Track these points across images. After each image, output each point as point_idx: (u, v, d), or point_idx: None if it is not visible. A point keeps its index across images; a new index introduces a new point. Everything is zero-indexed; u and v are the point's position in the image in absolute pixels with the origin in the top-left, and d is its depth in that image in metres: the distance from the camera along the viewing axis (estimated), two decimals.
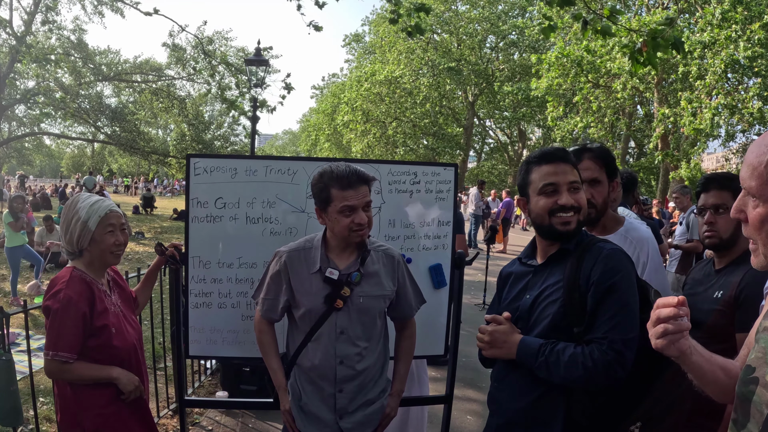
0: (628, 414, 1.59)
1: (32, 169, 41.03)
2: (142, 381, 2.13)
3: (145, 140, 23.96)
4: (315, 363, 1.95)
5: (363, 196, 1.86)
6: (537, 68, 19.37)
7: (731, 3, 13.74)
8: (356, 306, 1.93)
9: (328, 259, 1.95)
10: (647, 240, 2.10)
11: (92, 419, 1.95)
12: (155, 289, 4.11)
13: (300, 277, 1.95)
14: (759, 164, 1.00)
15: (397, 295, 2.04)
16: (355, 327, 1.94)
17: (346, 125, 29.42)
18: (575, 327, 1.58)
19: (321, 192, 1.88)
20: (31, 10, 19.62)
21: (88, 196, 2.06)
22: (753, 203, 1.02)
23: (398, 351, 2.16)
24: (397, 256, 2.06)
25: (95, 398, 1.96)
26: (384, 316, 2.06)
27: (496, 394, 1.78)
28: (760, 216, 1.01)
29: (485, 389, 1.85)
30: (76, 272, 1.97)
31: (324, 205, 1.89)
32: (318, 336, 1.94)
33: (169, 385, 4.20)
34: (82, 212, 1.98)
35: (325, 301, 1.91)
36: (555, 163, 1.67)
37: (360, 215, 1.85)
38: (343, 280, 1.91)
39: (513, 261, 1.89)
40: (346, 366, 1.94)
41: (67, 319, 1.88)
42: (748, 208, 1.04)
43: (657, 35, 3.61)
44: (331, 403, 1.96)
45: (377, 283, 1.97)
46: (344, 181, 1.83)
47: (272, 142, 75.63)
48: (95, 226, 1.98)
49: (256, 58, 10.17)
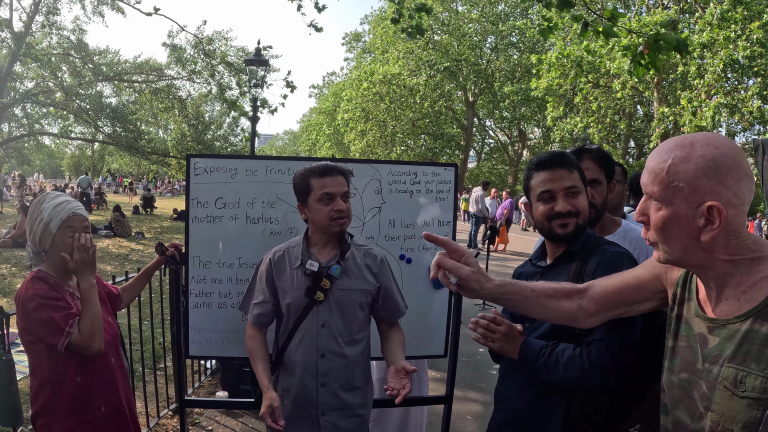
0: (628, 415, 1.60)
1: (32, 169, 40.95)
2: (116, 385, 2.04)
3: (146, 140, 23.94)
4: (298, 357, 1.99)
5: (341, 185, 1.96)
6: (537, 68, 19.38)
7: (731, 3, 13.74)
8: (337, 299, 1.97)
9: (310, 254, 2.01)
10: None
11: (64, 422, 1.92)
12: (155, 289, 4.12)
13: (283, 274, 2.02)
14: (660, 171, 1.10)
15: (383, 294, 2.06)
16: (336, 320, 1.98)
17: (346, 124, 29.43)
18: (577, 328, 1.59)
19: (301, 183, 1.99)
20: (31, 11, 19.64)
21: (55, 195, 2.00)
22: (655, 206, 1.13)
23: (391, 342, 2.07)
24: (380, 255, 2.09)
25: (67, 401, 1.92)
26: (367, 312, 2.06)
27: (501, 390, 1.85)
28: (662, 218, 1.11)
29: (485, 389, 1.87)
30: (39, 273, 1.93)
31: (304, 197, 1.98)
32: (301, 329, 1.99)
33: (169, 385, 4.21)
34: (45, 213, 1.92)
35: (306, 294, 1.96)
36: (551, 170, 1.70)
37: (339, 203, 1.94)
38: (322, 273, 1.96)
39: (525, 262, 1.93)
40: (328, 359, 1.97)
41: (47, 307, 1.84)
42: (650, 212, 1.14)
43: (659, 38, 3.61)
44: (314, 399, 1.98)
45: (358, 277, 2.01)
46: (321, 170, 1.96)
47: (272, 143, 75.65)
48: (56, 228, 1.91)
49: (256, 58, 10.17)
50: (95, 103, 21.96)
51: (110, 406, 2.02)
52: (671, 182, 1.09)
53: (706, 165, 1.06)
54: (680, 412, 1.17)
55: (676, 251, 1.13)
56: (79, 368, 1.93)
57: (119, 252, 11.41)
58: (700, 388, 1.11)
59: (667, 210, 1.10)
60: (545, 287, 1.46)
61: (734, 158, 1.06)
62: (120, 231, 13.93)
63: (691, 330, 1.17)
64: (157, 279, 2.42)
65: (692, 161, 1.07)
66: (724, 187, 1.05)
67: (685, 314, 1.21)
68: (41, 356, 1.91)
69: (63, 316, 1.86)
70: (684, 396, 1.16)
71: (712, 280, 1.14)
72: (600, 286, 1.41)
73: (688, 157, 1.07)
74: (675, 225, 1.10)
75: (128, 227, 14.36)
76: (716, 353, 1.09)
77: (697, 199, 1.07)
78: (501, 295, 1.42)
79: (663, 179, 1.10)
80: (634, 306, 1.38)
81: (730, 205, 1.06)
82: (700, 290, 1.19)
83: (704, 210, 1.06)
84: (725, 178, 1.05)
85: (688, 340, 1.18)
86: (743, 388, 1.02)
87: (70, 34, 21.28)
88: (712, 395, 1.08)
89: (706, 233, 1.07)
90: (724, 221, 1.05)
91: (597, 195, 2.03)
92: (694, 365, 1.14)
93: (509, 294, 1.43)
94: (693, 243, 1.10)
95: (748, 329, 1.04)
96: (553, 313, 1.45)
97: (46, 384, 1.92)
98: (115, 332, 2.15)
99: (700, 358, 1.13)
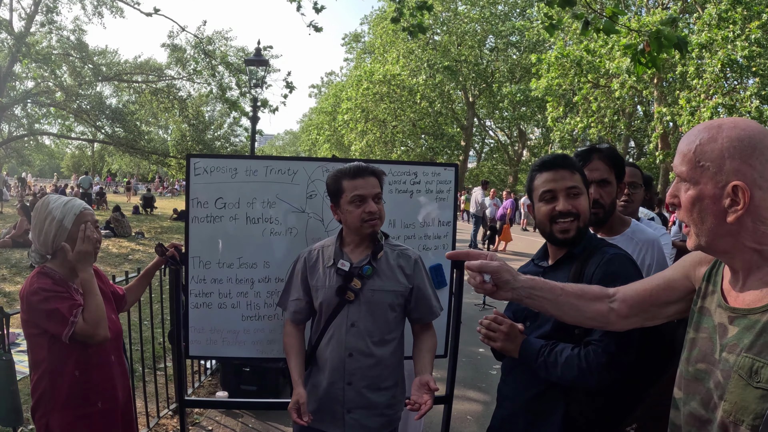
0: (626, 415, 1.62)
1: (32, 169, 40.91)
2: (114, 383, 2.07)
3: (146, 140, 23.92)
4: (327, 355, 2.00)
5: (372, 187, 1.95)
6: (537, 68, 19.37)
7: (730, 2, 13.74)
8: (367, 299, 1.97)
9: (342, 254, 2.02)
10: (654, 242, 2.10)
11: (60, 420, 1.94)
12: (155, 289, 4.12)
13: (316, 272, 2.04)
14: (688, 151, 1.12)
15: (416, 296, 2.04)
16: (366, 320, 1.97)
17: (347, 124, 29.42)
18: (576, 328, 1.62)
19: (333, 185, 1.99)
20: (31, 11, 19.63)
21: (57, 197, 2.05)
22: (685, 187, 1.14)
23: (421, 347, 2.07)
24: (415, 256, 2.08)
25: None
26: (400, 312, 2.05)
27: (502, 387, 1.87)
28: (690, 198, 1.12)
29: (485, 389, 1.88)
30: (44, 269, 1.96)
31: (336, 199, 1.98)
32: (331, 328, 2.00)
33: (169, 385, 4.21)
34: (56, 212, 1.96)
35: (337, 293, 1.97)
36: (554, 170, 1.72)
37: (370, 204, 1.93)
38: (353, 272, 1.97)
39: (528, 262, 1.94)
40: (355, 359, 1.97)
41: (51, 299, 1.87)
42: (681, 193, 1.15)
43: (660, 35, 3.60)
44: (340, 396, 1.99)
45: (390, 278, 2.00)
46: (353, 171, 1.95)
47: (273, 143, 75.63)
48: (71, 224, 1.97)
49: (256, 58, 10.17)
50: (95, 103, 21.95)
51: (108, 402, 2.04)
52: (698, 162, 1.10)
53: (732, 145, 1.07)
54: (696, 404, 1.16)
55: (704, 234, 1.13)
56: (78, 362, 1.96)
57: (119, 252, 11.41)
58: (716, 377, 1.10)
59: (695, 190, 1.11)
60: (574, 288, 1.44)
61: (761, 140, 1.06)
62: (120, 231, 13.93)
63: (712, 321, 1.17)
64: (157, 279, 2.42)
65: (718, 141, 1.08)
66: (749, 168, 1.05)
67: (707, 306, 1.21)
68: (42, 349, 1.94)
69: (68, 307, 1.88)
70: (699, 386, 1.15)
71: (739, 268, 1.13)
72: (631, 289, 1.40)
73: (715, 137, 1.09)
74: (701, 205, 1.11)
75: (128, 227, 14.37)
76: (734, 342, 1.08)
77: (723, 179, 1.07)
78: (532, 291, 1.40)
79: (690, 159, 1.11)
80: (667, 308, 1.36)
81: (756, 186, 1.05)
82: (725, 280, 1.19)
83: (729, 190, 1.06)
84: (750, 158, 1.06)
85: (708, 331, 1.17)
86: (758, 378, 1.01)
87: (69, 34, 21.29)
88: (726, 384, 1.07)
89: (732, 214, 1.07)
90: (749, 202, 1.05)
91: (606, 195, 2.02)
92: (711, 355, 1.13)
93: (540, 290, 1.40)
94: (719, 225, 1.10)
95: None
96: (584, 314, 1.42)
97: (45, 376, 1.95)
98: (118, 330, 2.18)
99: (718, 348, 1.12)
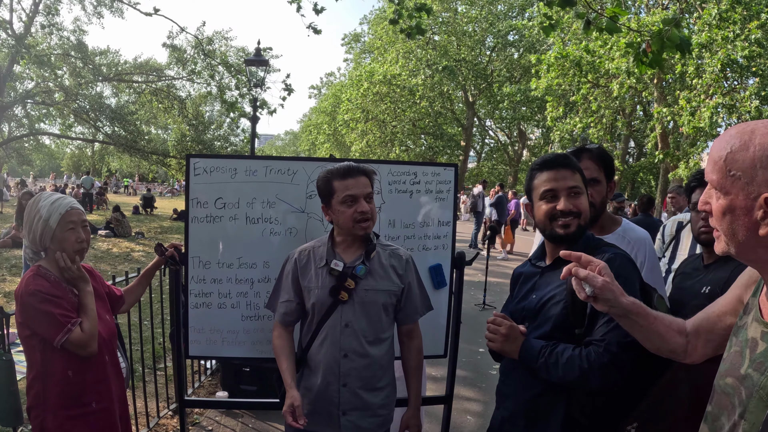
0: (626, 414, 1.61)
1: (32, 168, 40.82)
2: (108, 383, 2.07)
3: (146, 140, 23.92)
4: (321, 357, 1.99)
5: (364, 186, 1.94)
6: (536, 68, 19.36)
7: (729, 2, 13.73)
8: (361, 299, 1.96)
9: (335, 254, 2.01)
10: (644, 240, 2.14)
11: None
12: (155, 289, 4.13)
13: (308, 273, 2.02)
14: (719, 159, 1.07)
15: (406, 295, 2.05)
16: (360, 320, 1.97)
17: (347, 124, 29.41)
18: (576, 328, 1.62)
19: (324, 186, 1.97)
20: (31, 11, 19.62)
21: (49, 194, 2.05)
22: (716, 195, 1.09)
23: (407, 367, 2.14)
24: (406, 255, 2.08)
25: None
26: (391, 312, 2.06)
27: (502, 388, 1.86)
28: (720, 207, 1.08)
29: (485, 389, 1.88)
30: (40, 270, 1.97)
31: (328, 199, 1.97)
32: (324, 329, 1.99)
33: (169, 385, 4.21)
34: (43, 211, 1.96)
35: (331, 293, 1.96)
36: (555, 170, 1.72)
37: (362, 204, 1.92)
38: (347, 273, 1.96)
39: (525, 262, 1.94)
40: (350, 359, 1.96)
41: (46, 302, 1.88)
42: (712, 200, 1.11)
43: (663, 35, 3.60)
44: (335, 398, 1.98)
45: (383, 278, 2.00)
46: (344, 171, 1.94)
47: (272, 143, 75.62)
48: (56, 223, 1.96)
49: (256, 59, 10.18)
50: (95, 103, 21.95)
51: (102, 402, 2.04)
52: (729, 171, 1.04)
53: (764, 154, 1.00)
54: (724, 419, 1.10)
55: (734, 244, 1.08)
56: (71, 363, 1.95)
57: (119, 252, 11.41)
58: (740, 394, 1.06)
59: (726, 199, 1.06)
60: (664, 317, 1.37)
61: None
62: (120, 231, 13.93)
63: (746, 334, 1.12)
64: (157, 279, 2.42)
65: (750, 149, 1.01)
66: None
67: (747, 319, 1.16)
68: (35, 350, 1.94)
69: (62, 314, 1.89)
70: (727, 402, 1.10)
71: None
72: (702, 319, 1.35)
73: (747, 145, 1.02)
74: (733, 216, 1.05)
75: (128, 227, 14.37)
76: (761, 360, 1.03)
77: (755, 190, 1.01)
78: (630, 314, 1.31)
79: (721, 167, 1.05)
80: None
81: None
82: (763, 292, 1.14)
83: (762, 202, 1.00)
84: None
85: (741, 345, 1.12)
86: None
87: (69, 34, 21.28)
88: (748, 402, 1.02)
89: (765, 227, 1.01)
90: None
91: (596, 194, 2.04)
92: (739, 370, 1.09)
93: (637, 315, 1.32)
94: (751, 237, 1.04)
95: None
96: (667, 345, 1.35)
97: (39, 377, 1.95)
98: (111, 330, 2.16)
99: (746, 363, 1.07)
